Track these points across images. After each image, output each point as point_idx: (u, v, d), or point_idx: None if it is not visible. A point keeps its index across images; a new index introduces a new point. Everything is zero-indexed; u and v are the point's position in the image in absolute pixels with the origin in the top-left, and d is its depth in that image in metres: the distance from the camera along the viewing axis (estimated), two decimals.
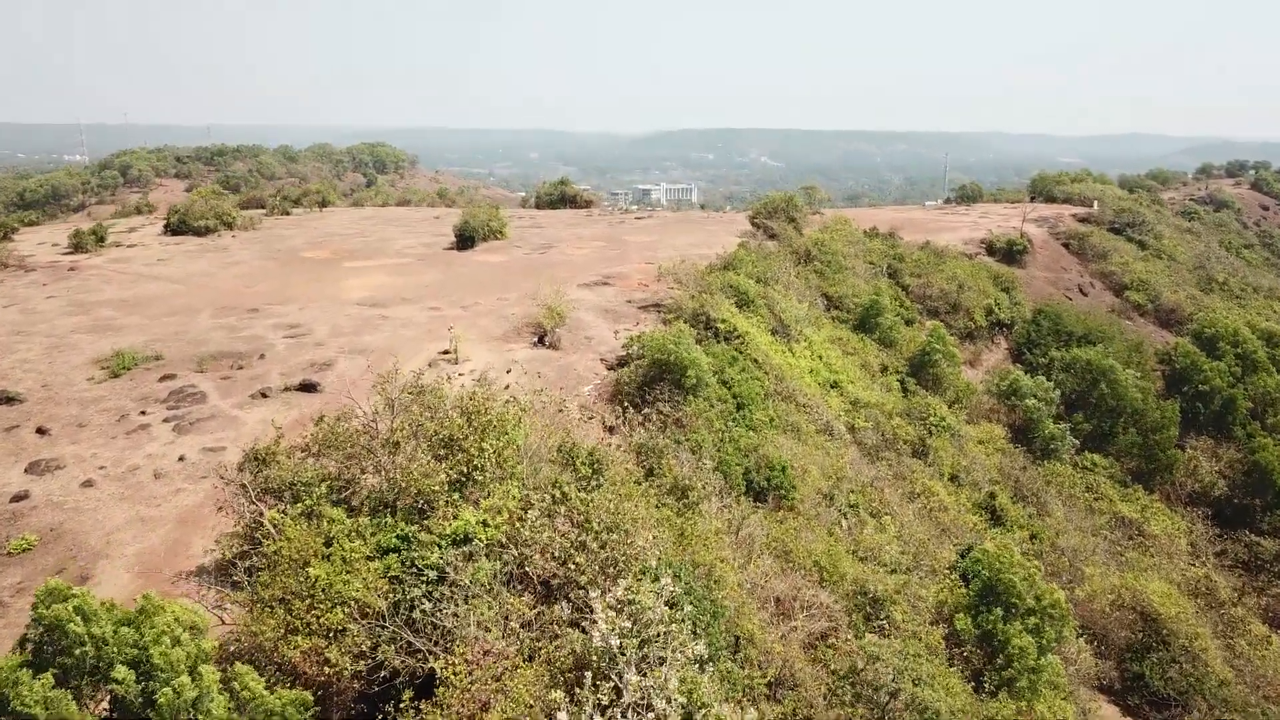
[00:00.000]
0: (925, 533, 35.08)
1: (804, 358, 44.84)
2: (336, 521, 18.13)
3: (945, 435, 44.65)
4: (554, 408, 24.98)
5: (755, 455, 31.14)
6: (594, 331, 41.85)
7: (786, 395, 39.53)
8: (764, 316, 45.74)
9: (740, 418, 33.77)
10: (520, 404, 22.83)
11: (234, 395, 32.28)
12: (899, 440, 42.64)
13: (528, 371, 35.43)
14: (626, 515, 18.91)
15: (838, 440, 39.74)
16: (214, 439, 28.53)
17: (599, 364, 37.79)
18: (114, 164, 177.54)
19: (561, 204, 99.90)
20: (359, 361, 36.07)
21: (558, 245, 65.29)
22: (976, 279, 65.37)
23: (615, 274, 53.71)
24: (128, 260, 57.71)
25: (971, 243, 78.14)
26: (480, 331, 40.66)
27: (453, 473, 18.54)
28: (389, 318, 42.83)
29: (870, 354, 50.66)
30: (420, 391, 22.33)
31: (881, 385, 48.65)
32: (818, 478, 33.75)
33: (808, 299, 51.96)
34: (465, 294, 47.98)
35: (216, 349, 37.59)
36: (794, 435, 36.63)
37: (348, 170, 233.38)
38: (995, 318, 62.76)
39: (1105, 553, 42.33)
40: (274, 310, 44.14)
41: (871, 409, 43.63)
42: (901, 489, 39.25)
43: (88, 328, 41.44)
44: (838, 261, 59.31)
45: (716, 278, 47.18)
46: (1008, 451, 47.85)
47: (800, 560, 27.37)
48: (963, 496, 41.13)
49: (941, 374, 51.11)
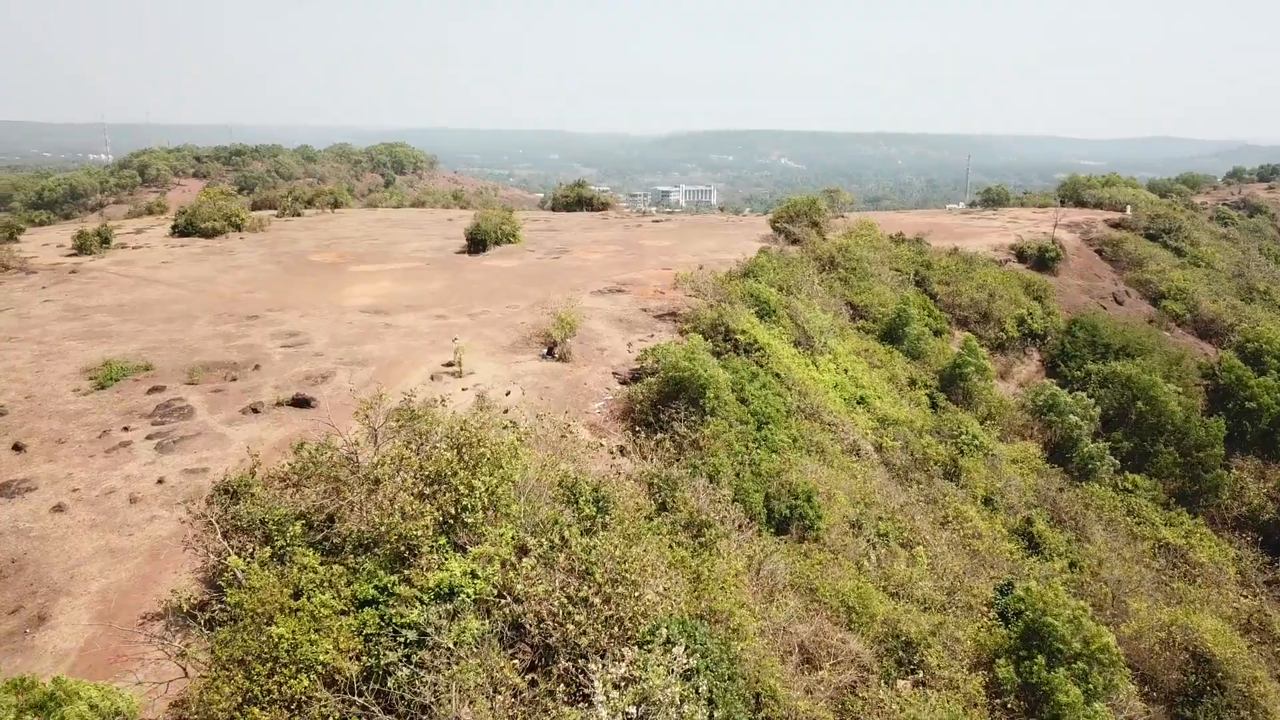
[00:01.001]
0: (959, 564, 32.66)
1: (828, 371, 42.50)
2: (308, 569, 16.06)
3: (978, 455, 42.16)
4: (558, 433, 22.79)
5: (777, 481, 28.89)
6: (606, 342, 39.75)
7: (810, 412, 37.23)
8: (786, 327, 43.45)
9: (761, 438, 31.53)
10: (520, 431, 20.70)
11: (223, 410, 30.41)
12: (929, 460, 40.19)
13: (534, 387, 33.38)
14: (634, 563, 16.76)
15: (865, 460, 37.40)
16: (197, 459, 26.63)
17: (611, 378, 35.67)
18: (132, 164, 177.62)
19: (578, 206, 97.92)
20: (358, 374, 34.16)
21: (572, 249, 63.25)
22: (1008, 287, 62.66)
23: (630, 280, 51.60)
24: (131, 263, 56.25)
25: (1001, 249, 75.29)
26: (487, 342, 38.66)
27: (439, 514, 16.44)
28: (393, 326, 40.92)
29: (898, 366, 48.19)
30: (411, 417, 20.25)
31: (910, 400, 46.18)
32: (844, 504, 31.44)
33: (832, 308, 49.57)
34: (473, 301, 46.02)
35: (210, 358, 35.80)
36: (819, 456, 34.33)
37: (366, 171, 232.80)
38: (1028, 328, 60.02)
39: (1150, 583, 39.65)
40: (274, 317, 42.36)
41: (900, 427, 41.22)
42: (932, 514, 36.84)
43: (81, 334, 39.82)
44: (863, 268, 56.84)
45: (736, 286, 44.93)
46: (1044, 471, 45.23)
47: (827, 599, 25.11)
48: (997, 522, 38.64)
49: (973, 388, 48.56)
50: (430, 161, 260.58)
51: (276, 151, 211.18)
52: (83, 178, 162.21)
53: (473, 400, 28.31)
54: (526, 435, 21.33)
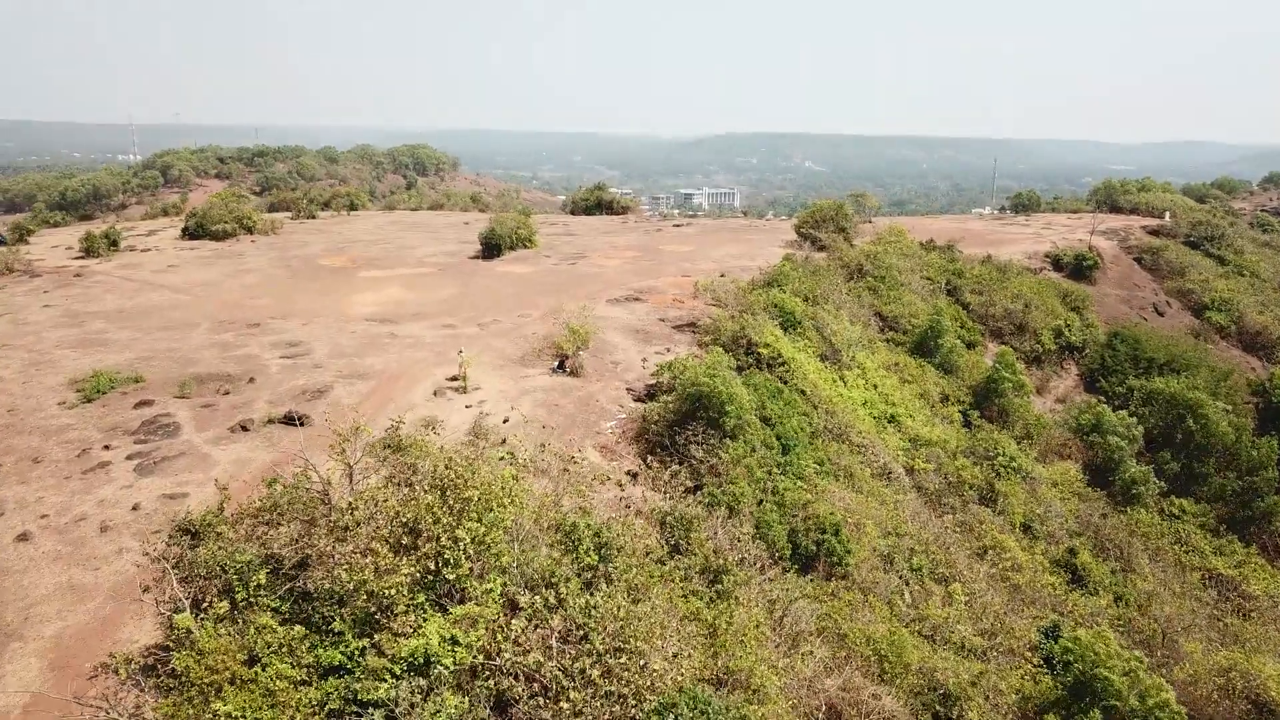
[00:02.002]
0: (999, 602, 30.18)
1: (857, 387, 40.12)
2: (266, 630, 14.02)
3: (1015, 478, 39.57)
4: (560, 464, 20.63)
5: (803, 513, 26.60)
6: (621, 355, 37.64)
7: (838, 433, 34.89)
8: (812, 339, 41.12)
9: (785, 464, 29.25)
10: (518, 464, 18.60)
11: (211, 427, 28.61)
12: (964, 484, 37.70)
13: (543, 403, 31.33)
14: (640, 625, 14.60)
15: (895, 484, 35.00)
16: (176, 483, 24.81)
17: (625, 394, 33.54)
18: (155, 164, 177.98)
19: (597, 210, 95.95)
20: (357, 388, 32.28)
21: (589, 255, 61.24)
22: (1044, 297, 59.86)
23: (648, 288, 49.48)
24: (137, 266, 54.94)
25: (1035, 256, 72.36)
26: (495, 354, 36.68)
27: (417, 568, 14.36)
28: (397, 336, 39.07)
29: (929, 381, 45.66)
30: (397, 448, 18.22)
31: (942, 418, 43.68)
32: (874, 535, 29.08)
33: (860, 319, 47.13)
34: (484, 310, 44.11)
35: (204, 370, 34.09)
36: (847, 482, 31.99)
37: (388, 172, 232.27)
38: (1065, 340, 57.17)
39: (1203, 620, 36.87)
40: (275, 325, 40.65)
41: (933, 447, 38.76)
42: (968, 544, 34.35)
43: (75, 342, 38.32)
44: (893, 277, 54.32)
45: (759, 296, 42.65)
46: (1085, 495, 42.50)
47: (857, 647, 22.82)
48: (1038, 551, 36.05)
49: (1009, 405, 45.93)
50: (452, 163, 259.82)
51: (299, 153, 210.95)
52: (105, 178, 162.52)
53: (471, 424, 26.26)
54: (526, 467, 19.22)
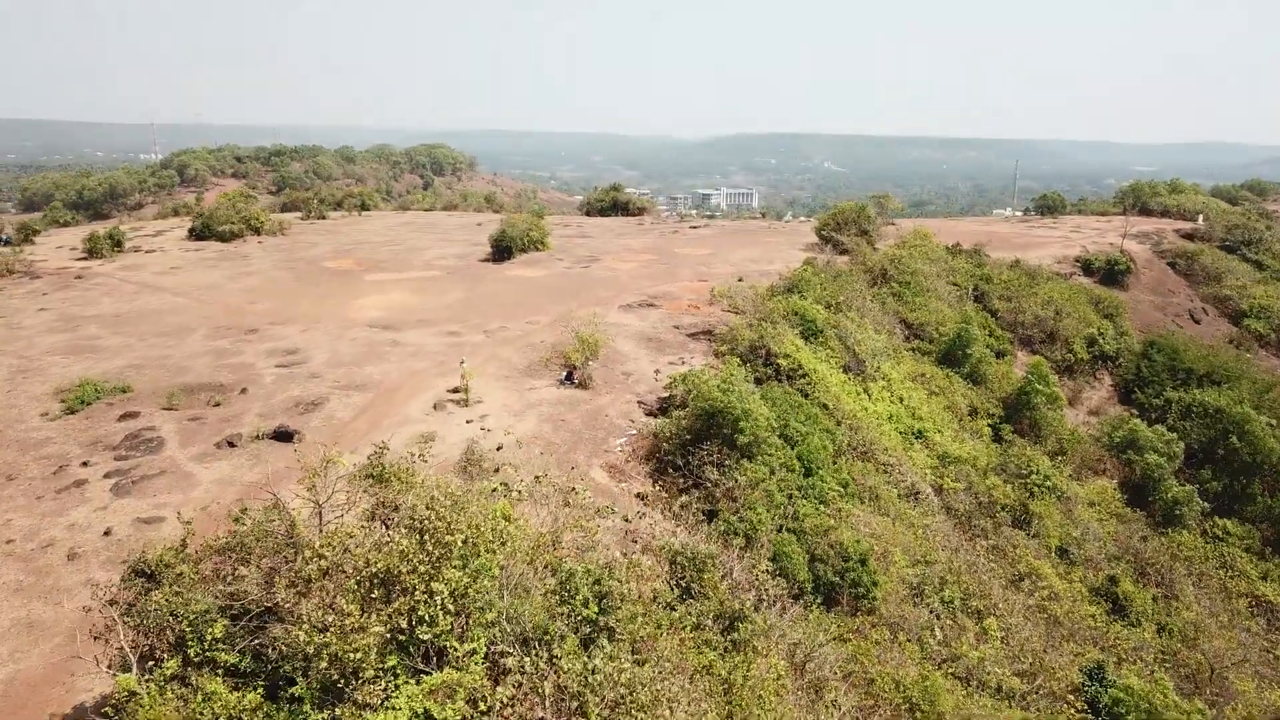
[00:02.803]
0: (1038, 637, 28.02)
1: (882, 400, 38.02)
2: (215, 699, 12.22)
3: (1050, 497, 37.32)
4: (560, 496, 18.70)
5: (825, 541, 24.60)
6: (633, 365, 35.75)
7: (863, 450, 32.82)
8: (834, 349, 39.05)
9: (807, 486, 27.25)
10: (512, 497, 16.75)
11: (196, 443, 26.99)
12: (996, 504, 35.52)
13: (548, 418, 29.49)
14: (644, 692, 12.67)
15: (924, 505, 32.90)
16: (154, 505, 23.18)
17: (636, 408, 31.65)
18: (173, 163, 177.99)
19: (613, 211, 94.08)
20: (353, 400, 30.59)
21: (603, 258, 59.39)
22: (1075, 304, 57.38)
23: (663, 294, 47.56)
24: (139, 268, 53.64)
25: (1065, 261, 69.79)
26: (501, 364, 34.89)
27: (388, 628, 12.52)
28: (400, 344, 37.37)
29: (958, 393, 43.45)
30: (380, 479, 16.42)
31: (971, 432, 41.49)
32: (903, 564, 27.03)
33: (885, 327, 44.98)
34: (491, 315, 42.35)
35: (196, 379, 32.53)
36: (872, 504, 29.94)
37: (405, 172, 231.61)
38: (1098, 349, 54.68)
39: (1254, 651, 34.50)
40: (273, 332, 39.08)
41: (962, 465, 36.61)
42: (1002, 569, 32.19)
43: (66, 348, 36.90)
44: (918, 282, 52.08)
45: (779, 303, 40.62)
46: (1124, 516, 40.15)
47: (886, 694, 20.81)
48: (1076, 578, 33.82)
49: (1042, 419, 43.64)
50: (470, 163, 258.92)
51: (316, 152, 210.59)
52: (122, 177, 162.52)
53: (466, 448, 24.44)
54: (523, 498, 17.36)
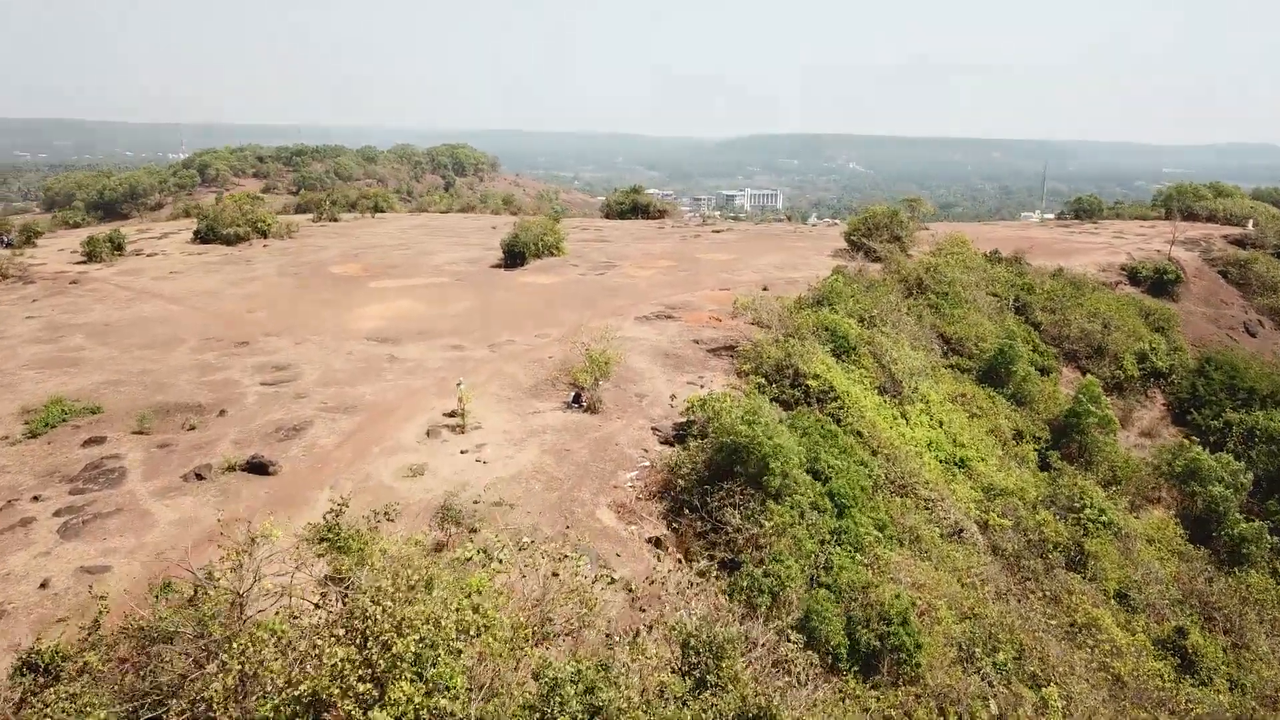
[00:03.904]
0: (1103, 705, 24.73)
1: (920, 425, 34.81)
2: None
3: (1106, 534, 33.91)
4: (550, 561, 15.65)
5: (863, 599, 21.54)
6: (648, 385, 32.83)
7: (901, 484, 29.68)
8: (869, 368, 35.89)
9: (841, 531, 24.18)
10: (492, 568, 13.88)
11: (162, 474, 24.43)
12: (1047, 543, 32.19)
13: (551, 448, 26.64)
14: None
15: (968, 545, 29.68)
16: (102, 550, 20.59)
17: (650, 435, 28.74)
18: (194, 163, 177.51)
19: (633, 213, 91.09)
20: (340, 425, 27.91)
21: (620, 264, 56.51)
22: (1124, 316, 53.65)
23: (682, 304, 44.60)
24: (137, 273, 51.50)
25: (1110, 269, 65.85)
26: (504, 383, 32.10)
27: None
28: (398, 359, 34.71)
29: (1001, 415, 40.10)
30: (335, 544, 13.63)
31: (1016, 457, 38.15)
32: (949, 620, 23.89)
33: (922, 343, 41.69)
34: (498, 327, 39.61)
35: (174, 398, 30.03)
36: (912, 547, 26.80)
37: (426, 172, 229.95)
38: (1150, 366, 50.97)
39: None
40: (266, 344, 36.58)
41: (1010, 498, 33.32)
42: (1056, 617, 28.89)
43: (45, 361, 34.61)
44: (956, 293, 48.69)
45: (807, 317, 37.50)
46: (1186, 554, 36.62)
47: None
48: (1139, 628, 30.41)
49: (1093, 443, 40.20)
50: (492, 164, 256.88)
51: (338, 152, 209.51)
52: (143, 177, 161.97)
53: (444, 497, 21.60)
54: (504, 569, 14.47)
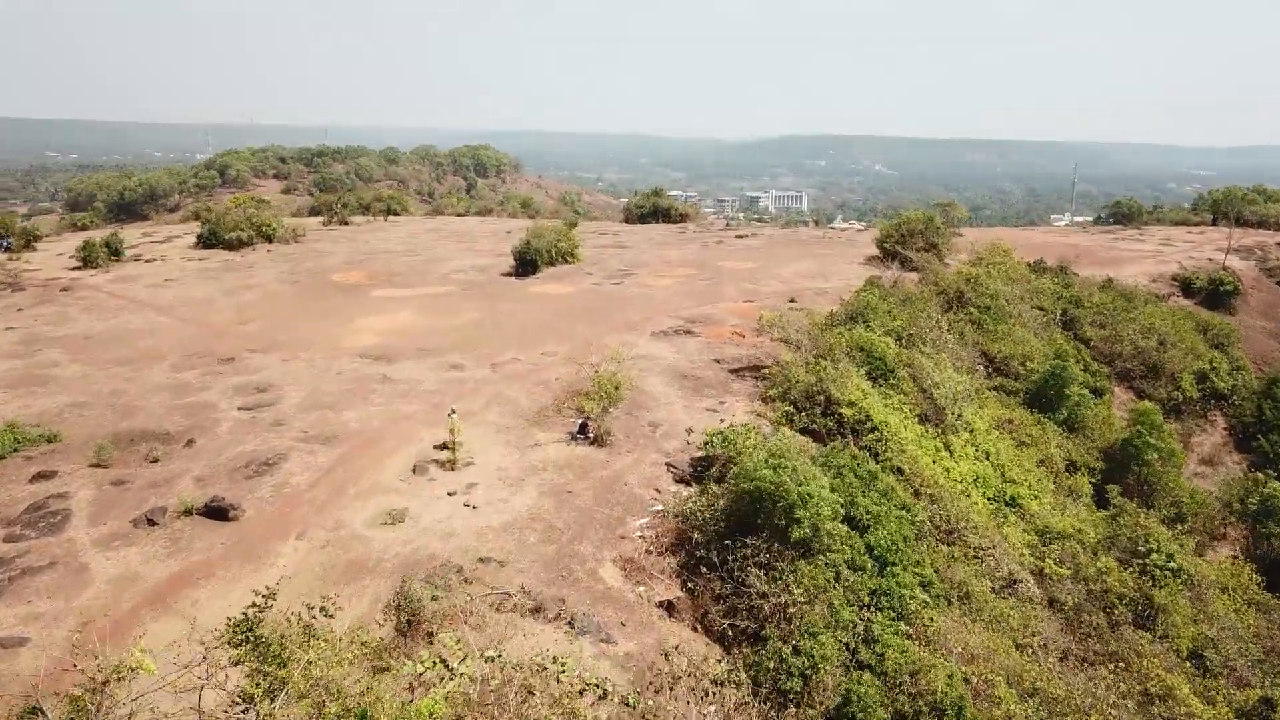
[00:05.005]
0: None
1: (965, 457, 31.38)
2: None
3: (1175, 583, 30.25)
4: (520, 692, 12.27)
5: (910, 685, 18.22)
6: (663, 412, 29.67)
7: (948, 530, 26.29)
8: (908, 394, 32.50)
9: (882, 591, 20.88)
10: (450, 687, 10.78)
11: (110, 517, 21.64)
12: (1110, 594, 28.61)
13: (551, 490, 23.57)
14: None
15: (1022, 598, 26.23)
16: (23, 615, 17.76)
17: (664, 472, 25.59)
18: (215, 164, 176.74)
19: (654, 217, 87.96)
20: (318, 459, 25.02)
21: (638, 272, 53.40)
22: (1180, 331, 49.72)
23: (702, 317, 41.43)
24: (132, 280, 49.14)
25: (1161, 279, 61.81)
26: (504, 409, 29.08)
27: None
28: (391, 379, 31.82)
29: (1052, 443, 36.53)
30: (257, 645, 10.64)
31: (1069, 491, 34.56)
32: (1009, 701, 20.49)
33: (964, 362, 38.17)
34: (503, 343, 36.65)
35: (141, 425, 27.33)
36: (962, 606, 23.43)
37: (448, 173, 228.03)
38: (1210, 386, 47.03)
39: None
40: (251, 361, 33.85)
41: (1067, 542, 29.79)
42: (1124, 684, 25.35)
43: (13, 379, 32.13)
44: (999, 306, 45.06)
45: (840, 336, 34.15)
46: (1264, 604, 32.83)
47: None
48: (1219, 696, 26.77)
49: (1155, 476, 36.49)
50: (514, 164, 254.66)
51: (360, 153, 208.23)
52: (163, 178, 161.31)
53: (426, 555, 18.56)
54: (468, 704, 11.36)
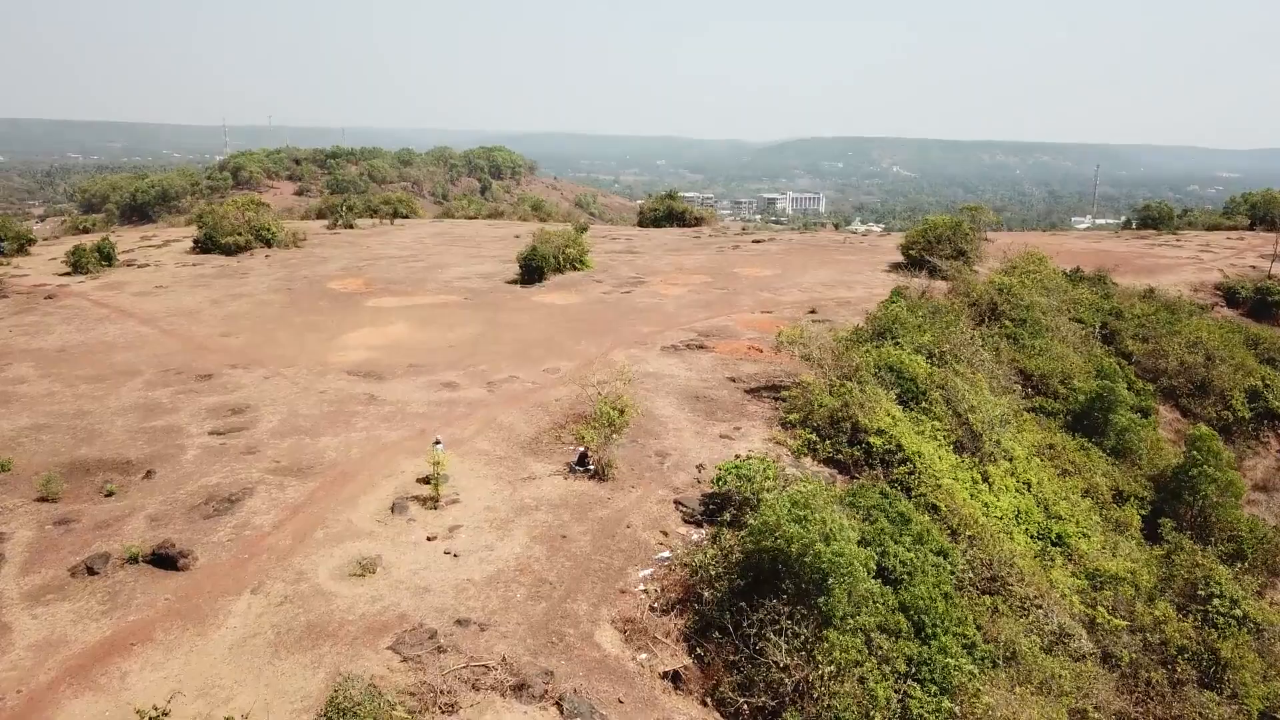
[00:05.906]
0: None
1: (1006, 490, 28.46)
2: None
3: (1241, 632, 27.22)
4: None
5: None
6: (672, 440, 26.99)
7: (990, 576, 23.44)
8: (942, 419, 29.61)
9: (921, 662, 18.09)
10: None
11: (46, 564, 19.22)
12: (1169, 645, 25.65)
13: (545, 533, 20.94)
14: None
15: (1073, 653, 23.33)
16: None
17: (672, 510, 22.92)
18: (228, 165, 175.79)
19: (668, 221, 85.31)
20: (288, 494, 22.52)
21: (649, 279, 50.74)
22: (1228, 345, 46.40)
23: (716, 329, 38.75)
24: (120, 287, 47.01)
25: (1203, 289, 58.47)
26: (498, 435, 26.48)
27: None
28: (377, 400, 29.31)
29: (1098, 472, 33.50)
30: None
31: (1118, 525, 31.54)
32: None
33: (1001, 382, 35.21)
34: (502, 359, 34.09)
35: (100, 452, 24.96)
36: (1010, 669, 20.57)
37: (462, 175, 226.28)
38: (1263, 405, 43.77)
39: None
40: (229, 379, 31.46)
41: (1120, 586, 26.82)
42: None
43: None
44: (1036, 319, 42.02)
45: (867, 354, 31.31)
46: None
47: None
48: None
49: (1212, 509, 33.37)
50: (530, 166, 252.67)
51: (374, 154, 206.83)
52: (175, 180, 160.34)
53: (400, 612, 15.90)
54: None
